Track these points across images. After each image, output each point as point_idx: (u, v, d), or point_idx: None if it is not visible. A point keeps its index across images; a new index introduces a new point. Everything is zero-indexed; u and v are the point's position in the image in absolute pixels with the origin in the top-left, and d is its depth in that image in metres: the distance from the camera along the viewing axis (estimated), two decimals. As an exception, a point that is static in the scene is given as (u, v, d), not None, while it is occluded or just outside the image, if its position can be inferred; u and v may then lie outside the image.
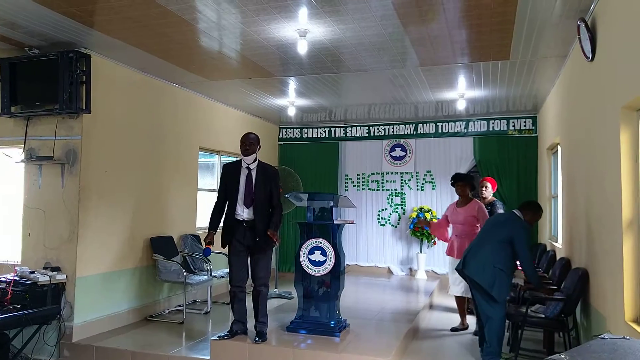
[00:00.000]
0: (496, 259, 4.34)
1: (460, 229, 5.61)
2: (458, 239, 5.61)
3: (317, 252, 5.13)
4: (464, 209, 5.61)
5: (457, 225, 5.63)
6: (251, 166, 4.76)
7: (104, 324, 5.57)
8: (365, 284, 8.67)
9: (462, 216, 5.60)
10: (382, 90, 7.19)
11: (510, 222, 4.45)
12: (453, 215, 5.67)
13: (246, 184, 4.71)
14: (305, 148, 10.05)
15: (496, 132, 8.85)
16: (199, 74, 6.29)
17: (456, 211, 5.67)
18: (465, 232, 5.56)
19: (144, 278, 6.17)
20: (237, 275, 4.77)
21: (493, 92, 7.18)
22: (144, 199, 6.23)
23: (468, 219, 5.56)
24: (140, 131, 6.19)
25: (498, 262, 4.33)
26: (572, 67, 5.19)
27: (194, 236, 7.03)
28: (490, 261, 4.34)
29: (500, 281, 4.31)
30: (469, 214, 5.56)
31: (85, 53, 5.28)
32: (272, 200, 4.73)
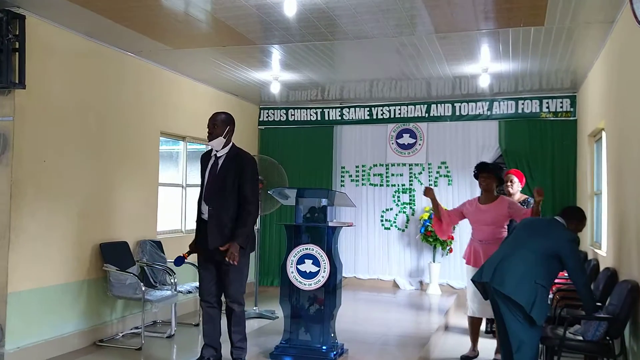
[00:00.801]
0: (538, 272, 4.29)
1: (487, 232, 5.51)
2: (483, 245, 5.51)
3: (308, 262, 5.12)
4: (492, 206, 5.54)
5: (482, 227, 5.55)
6: (219, 153, 4.74)
7: (43, 350, 5.53)
8: (366, 300, 8.67)
9: (489, 215, 5.51)
10: (387, 63, 7.17)
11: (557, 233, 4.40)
12: (476, 215, 5.60)
13: (209, 176, 4.71)
14: (291, 133, 10.03)
15: (526, 114, 8.88)
16: (160, 40, 6.24)
17: (480, 209, 5.59)
18: (494, 237, 5.47)
19: (92, 294, 6.14)
20: (205, 288, 4.76)
21: (523, 65, 7.19)
22: (92, 195, 6.19)
23: (498, 219, 5.50)
24: (88, 112, 6.14)
25: (540, 276, 4.28)
26: (621, 36, 5.19)
27: (154, 242, 7.01)
28: (530, 275, 4.29)
29: (541, 300, 4.27)
30: (499, 212, 5.50)
31: (18, 13, 5.21)
32: (240, 196, 4.62)
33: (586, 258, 7.01)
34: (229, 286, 4.69)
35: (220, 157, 4.73)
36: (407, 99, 9.41)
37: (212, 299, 4.77)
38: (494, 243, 5.32)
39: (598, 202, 7.05)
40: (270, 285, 9.80)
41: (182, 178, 8.09)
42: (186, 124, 7.97)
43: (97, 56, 6.28)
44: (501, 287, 4.38)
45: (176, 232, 7.88)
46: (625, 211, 4.92)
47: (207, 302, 4.77)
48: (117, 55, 6.58)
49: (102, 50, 6.34)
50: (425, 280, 9.44)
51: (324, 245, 5.10)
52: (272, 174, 7.17)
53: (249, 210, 4.63)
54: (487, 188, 5.61)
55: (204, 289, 4.78)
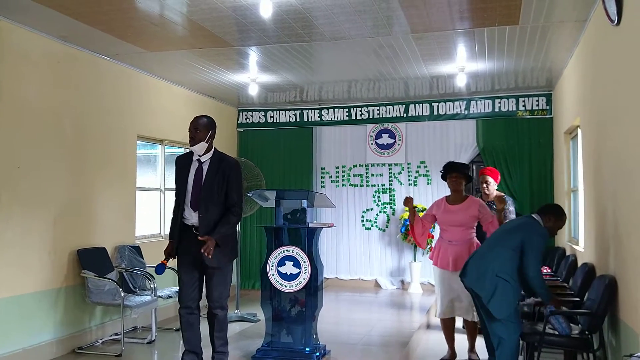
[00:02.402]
0: (500, 266, 4.39)
1: (455, 233, 5.42)
2: (452, 245, 5.41)
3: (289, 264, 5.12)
4: (461, 207, 5.46)
5: (451, 228, 5.45)
6: (202, 158, 4.70)
7: (21, 359, 5.44)
8: (348, 301, 8.69)
9: (459, 216, 5.42)
10: (365, 64, 7.20)
11: (525, 226, 4.50)
12: (445, 215, 5.50)
13: (194, 181, 4.66)
14: (270, 135, 10.02)
15: (503, 113, 8.97)
16: (135, 43, 6.20)
17: (449, 210, 5.50)
18: (462, 238, 5.40)
19: (70, 300, 6.08)
20: (187, 293, 4.72)
21: (499, 64, 7.26)
22: (68, 201, 6.13)
23: (467, 220, 5.42)
24: (63, 116, 6.08)
25: (502, 270, 4.38)
26: (594, 34, 5.26)
27: (132, 247, 6.96)
28: (492, 268, 4.40)
29: (501, 293, 4.36)
30: (469, 213, 5.42)
31: (-12, 17, 5.13)
32: (229, 200, 4.64)
33: (564, 254, 7.10)
34: (214, 291, 4.66)
35: (205, 162, 4.69)
36: (386, 100, 9.46)
37: (193, 304, 4.72)
38: (463, 244, 5.35)
39: (575, 199, 7.14)
40: (252, 288, 9.79)
41: (160, 182, 8.04)
42: (163, 127, 7.92)
43: (72, 60, 6.22)
44: (467, 280, 4.49)
45: (155, 237, 7.82)
46: (602, 207, 4.99)
47: (187, 308, 4.71)
48: (93, 59, 6.54)
49: (77, 54, 6.29)
50: (406, 280, 9.50)
51: (305, 246, 5.11)
52: (248, 177, 7.14)
53: (235, 212, 4.63)
54: (457, 188, 5.52)
55: (185, 294, 4.71)
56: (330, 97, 9.43)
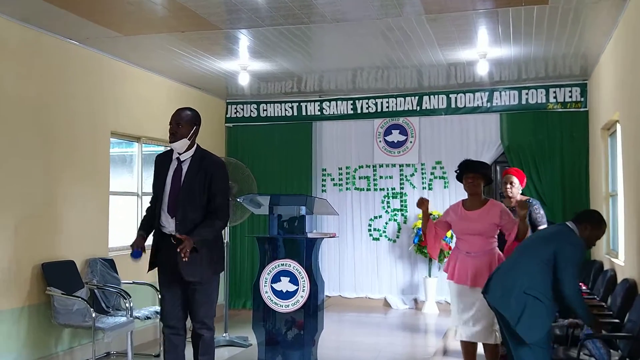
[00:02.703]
0: (530, 282, 4.34)
1: (474, 243, 5.36)
2: (470, 257, 5.36)
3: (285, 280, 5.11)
4: (480, 212, 5.41)
5: (468, 237, 5.40)
6: (182, 157, 4.69)
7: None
8: (353, 322, 8.67)
9: (478, 224, 5.37)
10: (372, 49, 7.19)
11: (558, 237, 4.45)
12: (462, 223, 5.46)
13: (172, 183, 4.66)
14: (264, 132, 10.02)
15: (531, 106, 8.95)
16: (108, 26, 6.19)
17: (466, 216, 5.46)
18: (482, 248, 5.34)
19: (34, 322, 6.05)
20: (169, 312, 4.72)
21: (526, 50, 7.24)
22: (31, 207, 6.12)
23: (488, 229, 5.36)
24: (25, 110, 6.07)
25: (532, 286, 4.32)
26: (636, 14, 5.24)
27: (105, 260, 6.96)
28: (519, 284, 4.34)
29: (532, 313, 4.30)
30: (490, 220, 5.36)
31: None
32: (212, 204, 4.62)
33: (602, 268, 7.07)
34: (198, 309, 4.66)
35: (185, 161, 4.68)
36: (396, 90, 9.44)
37: (177, 324, 4.72)
38: (482, 255, 5.30)
39: (614, 205, 7.12)
40: (242, 307, 9.76)
41: (137, 185, 8.04)
42: (141, 122, 7.92)
43: (35, 46, 6.21)
44: (489, 296, 4.44)
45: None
46: (645, 214, 4.96)
47: (171, 327, 4.71)
48: (59, 44, 6.52)
49: (41, 38, 6.27)
50: (420, 298, 9.47)
51: (303, 260, 5.10)
52: (238, 179, 7.12)
53: (220, 216, 4.63)
54: (475, 191, 5.46)
55: (167, 312, 4.72)
56: (333, 88, 9.40)
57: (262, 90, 9.46)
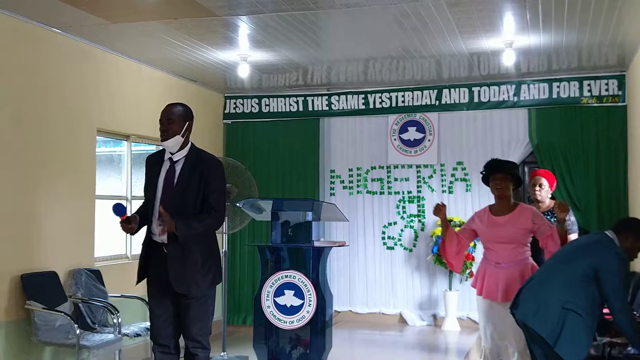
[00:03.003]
0: (569, 295, 4.33)
1: (504, 252, 5.35)
2: (501, 269, 5.33)
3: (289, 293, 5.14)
4: (510, 218, 5.39)
5: (498, 246, 5.40)
6: (175, 156, 4.74)
7: (-49, 413, 5.52)
8: (365, 340, 8.66)
9: (507, 230, 5.35)
10: (386, 37, 7.21)
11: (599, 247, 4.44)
12: (489, 230, 5.45)
13: (164, 185, 4.72)
14: (266, 129, 10.05)
15: (563, 100, 8.93)
16: (94, 12, 6.18)
17: (494, 223, 5.45)
18: (514, 258, 5.33)
19: (11, 340, 6.06)
20: (161, 329, 4.76)
21: (557, 38, 7.23)
22: (8, 213, 6.14)
23: (519, 236, 5.36)
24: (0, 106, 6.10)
25: (571, 300, 4.31)
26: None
27: (90, 271, 6.96)
28: (557, 297, 4.34)
29: (572, 331, 4.28)
30: (520, 225, 5.35)
31: None
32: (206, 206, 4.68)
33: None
34: (191, 325, 4.67)
35: (178, 161, 4.72)
36: (412, 83, 9.44)
37: (168, 342, 4.75)
38: (514, 266, 5.27)
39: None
40: (242, 324, 9.78)
41: (126, 188, 8.05)
42: (130, 119, 7.92)
43: (11, 34, 6.20)
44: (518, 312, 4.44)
45: (119, 258, 7.85)
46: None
47: (162, 346, 4.76)
48: (39, 31, 6.53)
49: (17, 25, 6.27)
50: (439, 314, 9.47)
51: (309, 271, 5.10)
52: (237, 182, 7.14)
53: (211, 215, 4.65)
54: (503, 194, 5.42)
55: (157, 330, 4.76)
56: (342, 80, 9.41)
57: (264, 83, 9.45)
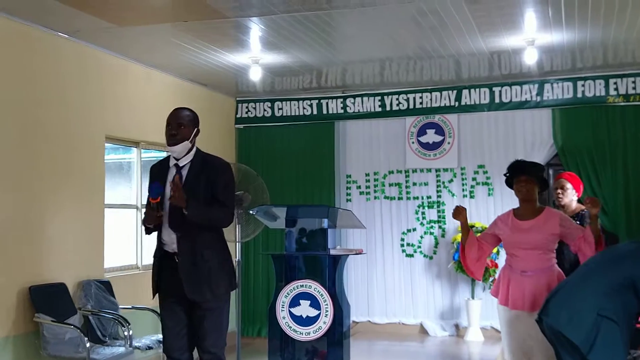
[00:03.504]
0: (604, 302, 4.26)
1: (529, 259, 5.26)
2: (526, 277, 5.25)
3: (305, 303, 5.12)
4: (536, 222, 5.30)
5: (523, 252, 5.30)
6: (181, 162, 4.75)
7: None
8: (384, 352, 8.65)
9: (533, 236, 5.27)
10: (403, 37, 7.20)
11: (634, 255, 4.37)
12: (514, 235, 5.36)
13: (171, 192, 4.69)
14: (279, 133, 10.07)
15: (588, 99, 8.89)
16: (102, 16, 6.24)
17: (519, 227, 5.36)
18: (541, 266, 5.23)
19: (20, 353, 6.10)
20: (174, 342, 4.77)
21: (582, 35, 7.20)
22: (15, 224, 6.17)
23: (545, 241, 5.27)
24: (6, 113, 6.13)
25: (607, 307, 4.24)
26: None
27: (100, 282, 7.00)
28: (591, 305, 4.27)
29: (606, 339, 4.21)
30: (547, 230, 5.26)
31: None
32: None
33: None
34: (206, 337, 4.69)
35: (184, 166, 4.75)
36: (431, 84, 9.44)
37: (181, 356, 4.76)
38: (541, 274, 5.19)
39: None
40: (257, 335, 9.78)
41: (136, 196, 8.09)
42: (140, 125, 7.97)
43: (19, 39, 6.27)
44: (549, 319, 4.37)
45: (130, 269, 7.88)
46: None
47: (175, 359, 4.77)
48: (47, 37, 6.58)
49: (26, 31, 6.34)
50: (462, 324, 9.43)
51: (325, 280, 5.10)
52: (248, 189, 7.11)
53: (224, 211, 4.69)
54: (528, 197, 5.34)
55: (170, 343, 4.77)
56: (357, 82, 9.42)
57: (277, 86, 9.49)
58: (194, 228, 4.62)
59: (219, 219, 4.72)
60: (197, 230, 4.63)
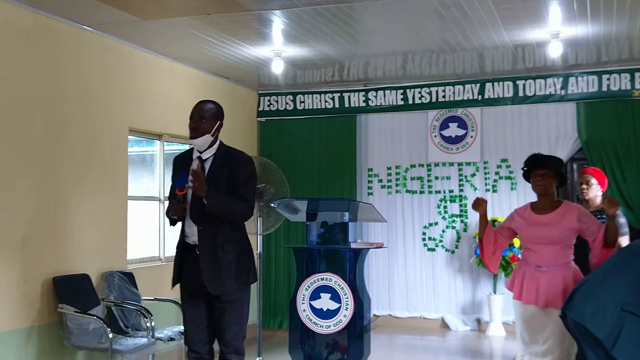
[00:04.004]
0: (628, 297, 4.20)
1: (547, 254, 5.20)
2: (542, 273, 5.19)
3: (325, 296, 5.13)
4: (554, 216, 5.24)
5: (540, 247, 5.24)
6: (204, 155, 4.78)
7: (-19, 419, 5.57)
8: (405, 346, 8.65)
9: (552, 230, 5.20)
10: (425, 30, 7.18)
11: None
12: (531, 229, 5.30)
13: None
14: (301, 126, 10.09)
15: (613, 93, 8.83)
16: (126, 9, 6.27)
17: (536, 221, 5.30)
18: (558, 261, 5.17)
19: (44, 343, 6.14)
20: (194, 334, 4.80)
21: (607, 28, 7.15)
22: (40, 215, 6.21)
23: (564, 236, 5.20)
24: (32, 105, 6.18)
25: (630, 302, 4.18)
26: None
27: (123, 274, 7.04)
28: (615, 299, 4.21)
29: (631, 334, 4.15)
30: (566, 224, 5.20)
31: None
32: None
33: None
34: (226, 330, 4.72)
35: (207, 159, 4.77)
36: (453, 77, 9.41)
37: (202, 349, 4.79)
38: (557, 270, 5.13)
39: None
40: (278, 328, 9.82)
41: (158, 189, 8.11)
42: (163, 117, 7.99)
43: (45, 32, 6.30)
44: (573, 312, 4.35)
45: (153, 260, 7.91)
46: None
47: (195, 352, 4.80)
48: (71, 30, 6.61)
49: (51, 24, 6.36)
50: (484, 318, 9.42)
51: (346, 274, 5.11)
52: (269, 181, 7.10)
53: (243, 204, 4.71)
54: (545, 191, 5.28)
55: (191, 335, 4.81)
56: (380, 75, 9.40)
57: (299, 79, 9.49)
58: (215, 220, 4.66)
59: (238, 212, 4.74)
60: (218, 223, 4.66)
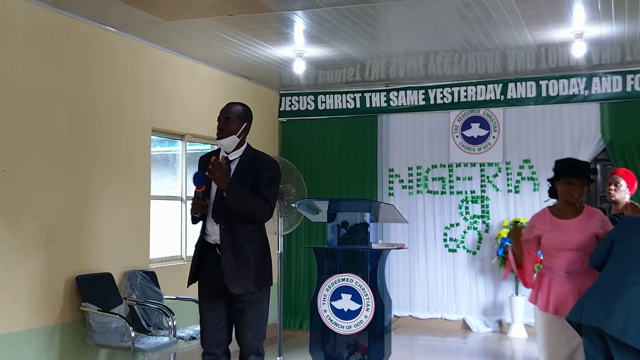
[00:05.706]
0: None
1: (571, 260, 5.07)
2: (571, 280, 5.07)
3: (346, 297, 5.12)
4: (578, 222, 5.13)
5: (564, 253, 5.10)
6: (231, 156, 4.80)
7: (5, 416, 5.60)
8: (425, 347, 8.63)
9: (575, 235, 5.09)
10: (447, 30, 7.16)
11: None
12: (555, 236, 5.16)
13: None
14: (322, 126, 10.10)
15: (638, 93, 8.77)
16: (149, 10, 6.30)
17: (559, 227, 5.17)
18: (583, 266, 5.02)
19: (67, 342, 6.18)
20: (211, 335, 4.79)
21: (631, 28, 7.10)
22: (64, 214, 6.25)
23: (588, 242, 5.07)
24: (56, 105, 6.21)
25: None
26: None
27: (146, 273, 7.07)
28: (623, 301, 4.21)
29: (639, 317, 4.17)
30: (590, 230, 5.09)
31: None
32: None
33: None
34: (246, 330, 4.71)
35: (233, 161, 4.79)
36: (476, 77, 9.38)
37: (218, 351, 4.78)
38: (583, 276, 4.98)
39: None
40: (299, 328, 9.82)
41: (181, 188, 8.15)
42: (185, 118, 8.02)
43: (68, 33, 6.33)
44: (610, 329, 4.24)
45: (175, 260, 7.94)
46: None
47: (211, 355, 4.78)
48: (95, 31, 6.64)
49: (74, 25, 6.40)
50: (505, 320, 9.37)
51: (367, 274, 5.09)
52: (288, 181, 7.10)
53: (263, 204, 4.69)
54: (575, 199, 5.16)
55: (208, 336, 4.79)
56: (401, 76, 9.38)
57: (320, 79, 9.50)
58: (236, 220, 4.67)
59: (257, 211, 4.72)
60: (239, 223, 4.67)
